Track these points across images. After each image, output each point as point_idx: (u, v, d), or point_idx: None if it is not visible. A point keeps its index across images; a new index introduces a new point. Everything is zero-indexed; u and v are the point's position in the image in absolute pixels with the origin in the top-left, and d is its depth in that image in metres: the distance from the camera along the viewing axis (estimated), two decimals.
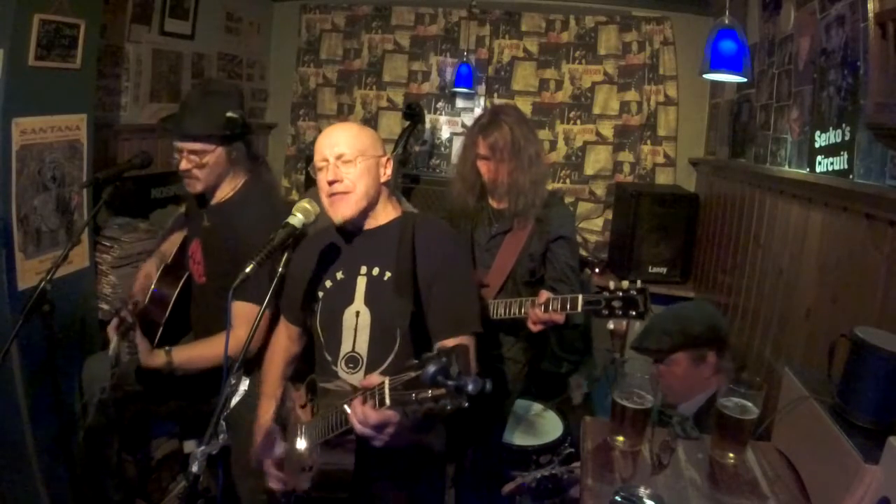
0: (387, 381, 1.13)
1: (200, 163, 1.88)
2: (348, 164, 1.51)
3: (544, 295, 1.87)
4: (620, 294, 1.79)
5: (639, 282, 1.81)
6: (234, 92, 2.01)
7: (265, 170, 2.12)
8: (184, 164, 1.89)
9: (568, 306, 1.84)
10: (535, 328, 1.90)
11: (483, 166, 2.10)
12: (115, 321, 1.87)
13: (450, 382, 1.00)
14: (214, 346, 1.88)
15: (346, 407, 1.24)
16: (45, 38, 1.96)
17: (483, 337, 1.57)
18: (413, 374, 1.05)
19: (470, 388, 0.99)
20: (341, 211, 1.52)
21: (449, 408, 1.01)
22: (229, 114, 1.89)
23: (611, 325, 1.89)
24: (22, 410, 2.04)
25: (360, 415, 1.18)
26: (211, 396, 2.00)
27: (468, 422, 1.37)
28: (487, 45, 3.90)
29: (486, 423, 2.25)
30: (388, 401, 1.11)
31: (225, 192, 1.99)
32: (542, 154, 2.16)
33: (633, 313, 1.79)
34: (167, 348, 1.86)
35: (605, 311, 1.80)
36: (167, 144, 2.42)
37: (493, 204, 2.20)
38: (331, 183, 1.50)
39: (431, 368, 1.01)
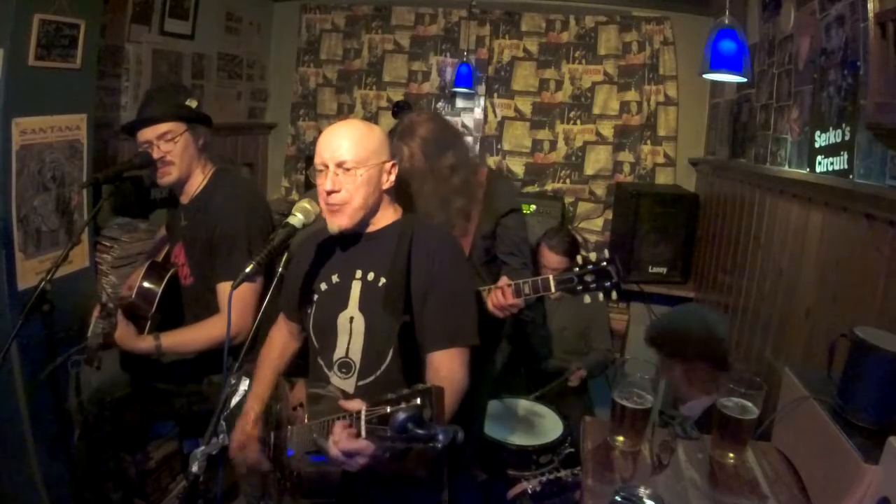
0: (363, 412, 1.11)
1: (172, 148, 1.91)
2: (348, 173, 1.44)
3: (504, 280, 1.85)
4: (591, 268, 1.77)
5: (606, 251, 1.80)
6: (185, 88, 2.14)
7: (229, 165, 2.16)
8: (156, 154, 1.91)
9: (540, 288, 1.81)
10: (501, 314, 1.87)
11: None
12: (97, 308, 1.88)
13: (419, 432, 0.97)
14: (203, 329, 1.91)
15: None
16: (45, 38, 1.96)
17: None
18: (388, 409, 1.03)
19: (440, 438, 0.97)
20: (337, 222, 1.47)
21: (422, 450, 0.99)
22: (188, 101, 1.98)
23: (587, 299, 1.85)
24: (22, 410, 2.04)
25: (335, 436, 1.17)
26: (199, 379, 2.03)
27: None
28: (487, 45, 3.90)
29: (465, 411, 2.22)
30: (363, 432, 1.10)
31: (196, 183, 2.01)
32: (458, 163, 1.94)
33: (608, 284, 1.76)
34: (155, 333, 1.89)
35: (580, 287, 1.78)
36: None
37: None
38: (329, 192, 1.45)
39: (401, 415, 0.98)
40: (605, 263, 1.76)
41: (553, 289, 1.80)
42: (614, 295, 1.80)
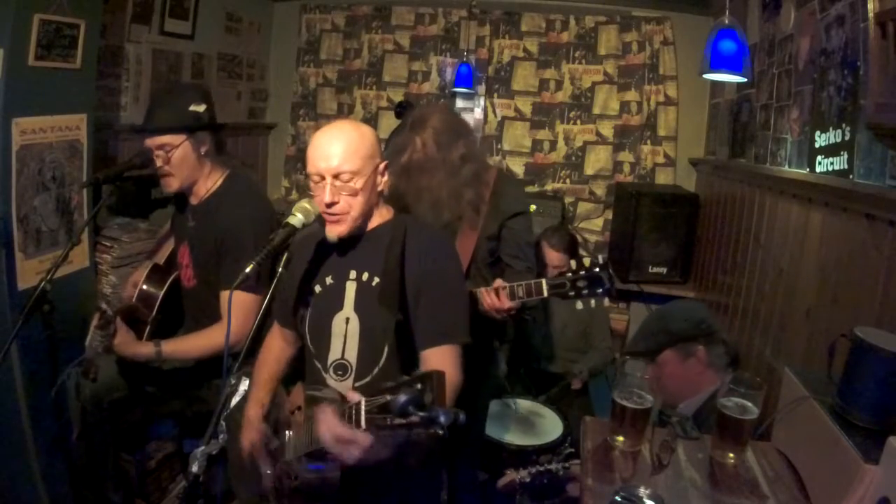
0: (363, 402, 1.09)
1: (168, 157, 1.89)
2: (346, 183, 1.42)
3: (499, 282, 1.85)
4: (583, 273, 1.77)
5: (600, 257, 1.81)
6: (198, 88, 2.10)
7: (241, 168, 2.12)
8: (157, 162, 1.91)
9: (533, 291, 1.81)
10: (497, 316, 1.87)
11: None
12: (96, 316, 1.88)
13: (421, 414, 0.96)
14: (204, 336, 1.90)
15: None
16: (45, 38, 1.96)
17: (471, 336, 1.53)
18: (388, 397, 1.02)
19: (441, 419, 0.96)
20: (337, 230, 1.46)
21: (423, 436, 0.98)
22: (192, 107, 1.92)
23: (579, 305, 1.85)
24: (22, 410, 2.04)
25: (327, 423, 1.15)
26: (199, 385, 2.03)
27: None
28: (487, 45, 3.90)
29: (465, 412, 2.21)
30: (363, 423, 1.08)
31: (204, 188, 2.00)
32: (469, 154, 1.96)
33: (600, 290, 1.76)
34: (156, 340, 1.88)
35: (572, 293, 1.78)
36: None
37: None
38: (328, 205, 1.43)
39: (402, 398, 0.97)
40: (597, 269, 1.76)
41: (545, 293, 1.80)
42: (606, 301, 1.79)
